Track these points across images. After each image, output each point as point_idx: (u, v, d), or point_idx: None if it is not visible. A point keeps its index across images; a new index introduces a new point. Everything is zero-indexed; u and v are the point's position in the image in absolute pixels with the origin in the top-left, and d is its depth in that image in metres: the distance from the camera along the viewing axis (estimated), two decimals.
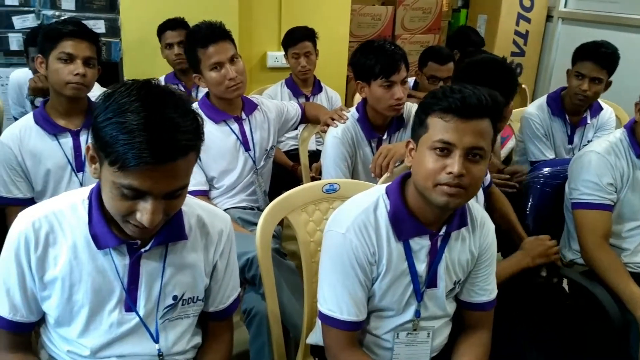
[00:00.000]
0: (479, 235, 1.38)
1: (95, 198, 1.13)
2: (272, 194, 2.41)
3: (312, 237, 1.60)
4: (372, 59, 2.00)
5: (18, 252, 1.11)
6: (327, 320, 1.30)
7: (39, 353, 1.24)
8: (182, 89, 2.99)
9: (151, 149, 0.94)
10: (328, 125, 2.14)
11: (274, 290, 1.56)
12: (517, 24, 4.46)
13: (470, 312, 1.43)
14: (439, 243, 1.33)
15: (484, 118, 1.20)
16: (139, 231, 1.06)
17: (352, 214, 1.30)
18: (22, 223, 1.12)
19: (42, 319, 1.20)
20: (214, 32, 2.00)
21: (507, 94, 1.67)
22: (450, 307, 1.41)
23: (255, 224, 1.99)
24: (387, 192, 1.33)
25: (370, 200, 1.33)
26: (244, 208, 2.14)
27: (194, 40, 2.02)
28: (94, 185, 1.17)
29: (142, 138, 0.94)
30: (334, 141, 2.07)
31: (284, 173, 2.85)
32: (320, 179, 2.18)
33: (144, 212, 1.01)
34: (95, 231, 1.12)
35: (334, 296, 1.29)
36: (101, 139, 0.98)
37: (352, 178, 2.14)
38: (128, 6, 3.25)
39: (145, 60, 3.27)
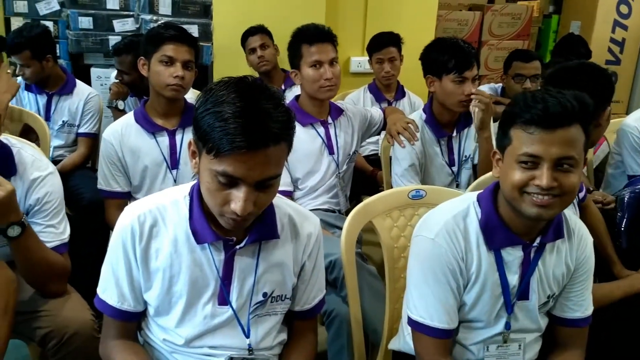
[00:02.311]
0: (576, 247, 1.33)
1: (196, 195, 1.19)
2: (351, 198, 2.44)
3: (396, 242, 1.60)
4: (446, 54, 2.01)
5: (125, 243, 1.18)
6: (418, 327, 1.29)
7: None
8: None
9: (244, 135, 0.99)
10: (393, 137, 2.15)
11: (357, 294, 1.57)
12: (613, 30, 4.26)
13: (563, 328, 1.38)
14: (532, 254, 1.29)
15: (571, 125, 1.14)
16: (233, 223, 1.09)
17: (442, 220, 1.28)
18: (128, 216, 1.19)
19: (144, 310, 1.27)
20: (322, 33, 2.07)
21: (602, 99, 1.60)
22: (543, 321, 1.37)
23: (337, 227, 2.05)
24: (478, 200, 1.31)
25: (461, 207, 1.31)
26: (325, 210, 2.16)
27: (301, 36, 2.08)
28: (194, 182, 1.23)
29: (236, 125, 0.99)
30: (404, 147, 2.10)
31: (364, 178, 2.87)
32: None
33: (237, 200, 1.05)
34: (195, 226, 1.18)
35: (423, 302, 1.28)
36: (200, 129, 1.04)
37: (422, 180, 2.14)
38: (220, 12, 3.39)
39: (234, 64, 3.39)
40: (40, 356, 1.70)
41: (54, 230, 1.58)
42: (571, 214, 1.38)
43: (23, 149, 1.60)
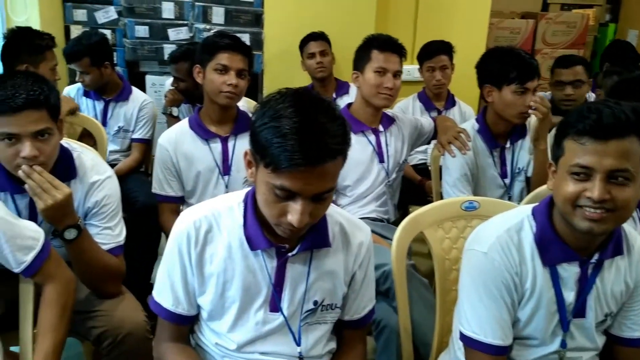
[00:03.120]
0: (636, 265, 1.28)
1: (251, 202, 1.21)
2: (398, 207, 2.42)
3: (448, 254, 1.57)
4: (507, 64, 1.97)
5: (181, 248, 1.20)
6: (471, 343, 1.26)
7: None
8: None
9: (302, 152, 0.99)
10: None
11: (407, 306, 1.55)
12: None
13: (621, 348, 1.32)
14: (590, 271, 1.25)
15: (626, 137, 1.10)
16: (289, 232, 1.11)
17: (495, 233, 1.25)
18: (185, 222, 1.21)
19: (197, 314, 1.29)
20: (395, 44, 2.11)
21: None
22: (600, 340, 1.32)
23: (385, 237, 2.03)
24: (533, 214, 1.28)
25: (515, 220, 1.28)
26: (374, 219, 2.15)
27: (374, 42, 2.11)
28: (249, 189, 1.24)
29: (294, 141, 0.99)
30: (455, 157, 2.07)
31: (411, 187, 2.84)
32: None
33: (294, 212, 1.05)
34: (249, 233, 1.19)
35: (476, 318, 1.25)
36: (257, 142, 1.05)
37: (473, 192, 2.10)
38: (272, 21, 3.44)
39: (284, 72, 3.43)
40: (93, 354, 1.75)
41: (110, 233, 1.63)
42: (631, 229, 1.32)
43: (83, 153, 1.65)
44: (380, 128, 2.18)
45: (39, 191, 1.41)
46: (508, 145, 2.14)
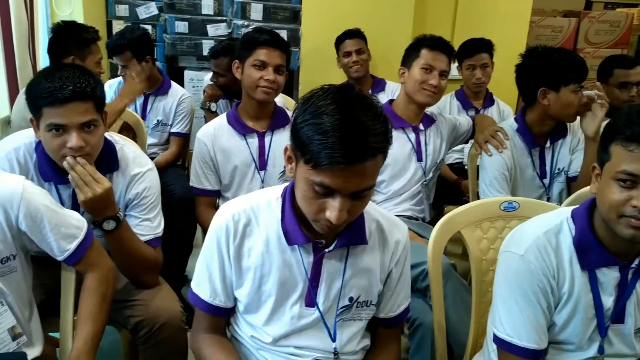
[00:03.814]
0: None
1: (289, 197, 1.21)
2: (433, 206, 2.40)
3: (485, 255, 1.55)
4: (563, 64, 1.94)
5: (219, 240, 1.22)
6: (505, 345, 1.24)
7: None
8: None
9: (343, 150, 0.99)
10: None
11: (442, 305, 1.54)
12: None
13: None
14: (629, 276, 1.22)
15: None
16: (327, 229, 1.11)
17: (532, 235, 1.23)
18: (224, 215, 1.23)
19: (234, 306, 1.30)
20: (446, 45, 2.12)
21: None
22: (639, 347, 1.29)
23: (420, 235, 2.01)
24: (572, 216, 1.25)
25: (553, 222, 1.25)
26: (409, 217, 2.14)
27: (426, 40, 2.11)
28: (287, 184, 1.25)
29: (335, 139, 0.99)
30: (492, 156, 2.05)
31: (447, 186, 2.81)
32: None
33: (332, 209, 1.05)
34: (287, 228, 1.20)
35: (511, 321, 1.23)
36: (298, 138, 1.05)
37: (511, 192, 2.07)
38: (309, 18, 3.45)
39: (320, 69, 3.44)
40: (130, 343, 1.79)
41: (149, 224, 1.66)
42: None
43: (125, 146, 1.68)
44: (421, 127, 2.17)
45: (81, 183, 1.45)
46: (548, 144, 2.10)
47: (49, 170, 1.56)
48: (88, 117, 1.45)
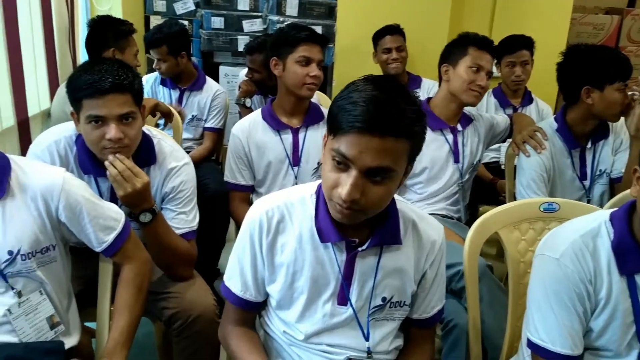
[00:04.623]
0: None
1: (323, 194, 1.20)
2: (468, 206, 2.36)
3: (523, 257, 1.51)
4: (608, 62, 1.89)
5: (252, 236, 1.22)
6: (538, 350, 1.21)
7: (258, 331, 1.36)
8: None
9: (365, 117, 0.99)
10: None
11: (477, 307, 1.51)
12: None
13: None
14: None
15: None
16: (339, 209, 1.07)
17: (568, 239, 1.20)
18: (257, 210, 1.22)
19: (264, 301, 1.31)
20: (491, 43, 2.11)
21: None
22: None
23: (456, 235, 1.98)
24: (611, 219, 1.21)
25: (591, 225, 1.21)
26: (444, 216, 2.11)
27: (472, 38, 2.09)
28: (321, 181, 1.24)
29: (361, 108, 1.00)
30: (530, 157, 2.00)
31: (482, 186, 2.76)
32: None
33: (345, 184, 1.04)
34: (320, 225, 1.19)
35: (545, 325, 1.20)
36: (330, 114, 1.07)
37: (549, 193, 2.02)
38: (345, 14, 3.43)
39: (355, 65, 3.42)
40: (163, 335, 1.81)
41: (184, 218, 1.68)
42: None
43: (162, 140, 1.70)
44: (459, 127, 2.14)
45: (120, 179, 1.47)
46: (589, 145, 2.04)
47: (88, 162, 1.59)
48: (126, 109, 1.47)
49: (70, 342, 1.36)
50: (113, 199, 1.59)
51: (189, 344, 1.60)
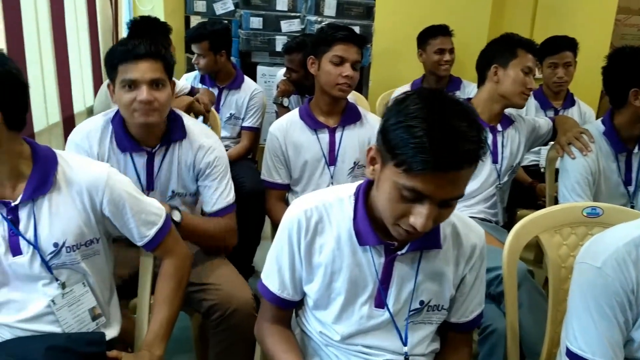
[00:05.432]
0: None
1: (362, 196, 1.19)
2: (507, 209, 2.32)
3: (564, 262, 1.48)
4: None
5: (291, 235, 1.22)
6: None
7: (294, 329, 1.37)
8: None
9: (439, 156, 0.96)
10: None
11: (516, 312, 1.48)
12: None
13: None
14: None
15: None
16: (406, 235, 1.08)
17: (610, 247, 1.16)
18: (296, 210, 1.23)
19: (301, 301, 1.31)
20: (536, 46, 2.09)
21: None
22: None
23: (496, 239, 1.95)
24: None
25: (635, 233, 1.16)
26: (482, 220, 2.08)
27: (522, 41, 2.07)
28: (360, 182, 1.24)
29: (432, 145, 0.96)
30: (575, 159, 1.96)
31: (521, 189, 2.71)
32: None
33: (419, 216, 1.02)
34: (359, 227, 1.18)
35: (584, 335, 1.17)
36: (390, 141, 1.02)
37: (593, 198, 1.96)
38: (383, 14, 3.41)
39: (392, 66, 3.40)
40: (200, 328, 1.83)
41: (221, 192, 1.80)
42: None
43: (190, 120, 1.84)
44: (499, 127, 2.10)
45: None
46: (636, 150, 1.97)
47: (124, 139, 1.71)
48: (157, 74, 1.61)
49: (110, 333, 1.39)
50: (149, 173, 1.74)
51: (225, 336, 1.62)
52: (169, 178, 1.78)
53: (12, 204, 1.22)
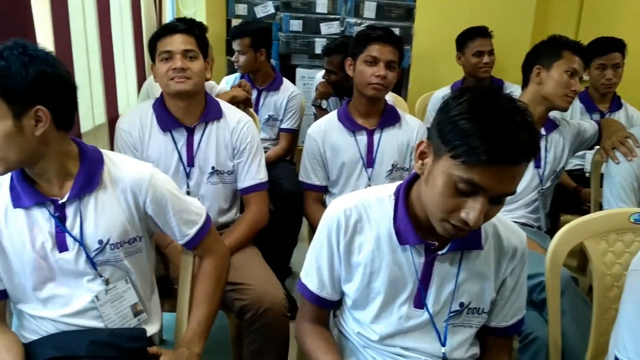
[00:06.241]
0: None
1: (402, 196, 1.19)
2: (549, 214, 2.26)
3: (610, 269, 1.44)
4: None
5: (330, 234, 1.22)
6: None
7: (332, 330, 1.36)
8: None
9: (500, 149, 0.96)
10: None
11: (559, 319, 1.45)
12: None
13: None
14: None
15: None
16: (454, 231, 1.07)
17: None
18: (335, 209, 1.23)
19: (339, 302, 1.31)
20: (582, 48, 2.04)
21: None
22: None
23: (538, 245, 1.91)
24: None
25: None
26: (524, 225, 2.03)
27: (567, 42, 2.03)
28: (399, 182, 1.23)
29: (493, 137, 0.96)
30: (619, 164, 1.90)
31: (565, 194, 2.64)
32: None
33: (472, 210, 1.01)
34: (399, 227, 1.18)
35: (636, 345, 1.12)
36: (449, 133, 1.01)
37: (638, 204, 1.90)
38: (423, 16, 3.39)
39: (432, 68, 3.37)
40: (237, 327, 1.85)
41: (255, 169, 1.94)
42: None
43: (225, 104, 2.00)
44: (543, 131, 2.05)
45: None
46: None
47: (165, 117, 1.87)
48: (190, 46, 1.82)
49: (151, 329, 1.41)
50: (189, 151, 1.88)
51: (259, 335, 1.64)
52: (208, 155, 1.90)
53: (60, 202, 1.26)
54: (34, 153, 1.19)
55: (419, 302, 1.20)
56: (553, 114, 2.11)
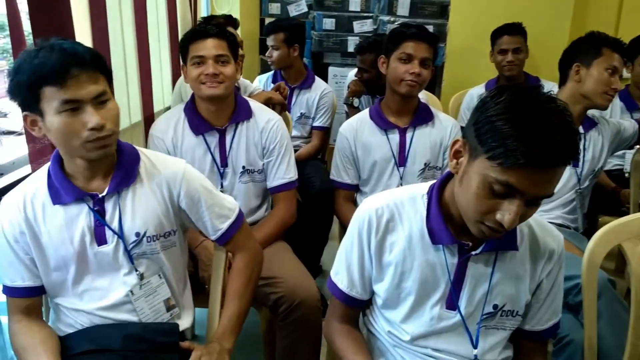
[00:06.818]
0: None
1: (436, 195, 1.18)
2: (587, 215, 2.21)
3: None
4: None
5: (361, 233, 1.22)
6: None
7: (362, 330, 1.36)
8: None
9: (538, 152, 0.94)
10: None
11: (595, 323, 1.41)
12: None
13: None
14: None
15: None
16: (489, 232, 1.05)
17: None
18: (367, 208, 1.22)
19: (369, 301, 1.31)
20: (623, 45, 2.00)
21: None
22: None
23: (575, 246, 1.86)
24: None
25: None
26: (560, 225, 1.99)
27: (604, 38, 1.98)
28: (432, 182, 1.22)
29: (531, 140, 0.94)
30: None
31: (603, 195, 2.57)
32: None
33: (508, 212, 1.00)
34: (432, 226, 1.17)
35: None
36: (485, 133, 0.99)
37: None
38: (458, 13, 3.34)
39: (466, 66, 3.32)
40: (268, 323, 1.86)
41: (285, 167, 1.97)
42: None
43: (255, 104, 2.02)
44: (581, 130, 2.01)
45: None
46: None
47: (196, 120, 1.91)
48: (222, 51, 1.83)
49: (183, 324, 1.43)
50: (222, 152, 1.92)
51: (292, 329, 1.66)
52: (239, 155, 1.94)
53: (100, 196, 1.29)
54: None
55: (451, 303, 1.19)
56: (592, 112, 2.06)
